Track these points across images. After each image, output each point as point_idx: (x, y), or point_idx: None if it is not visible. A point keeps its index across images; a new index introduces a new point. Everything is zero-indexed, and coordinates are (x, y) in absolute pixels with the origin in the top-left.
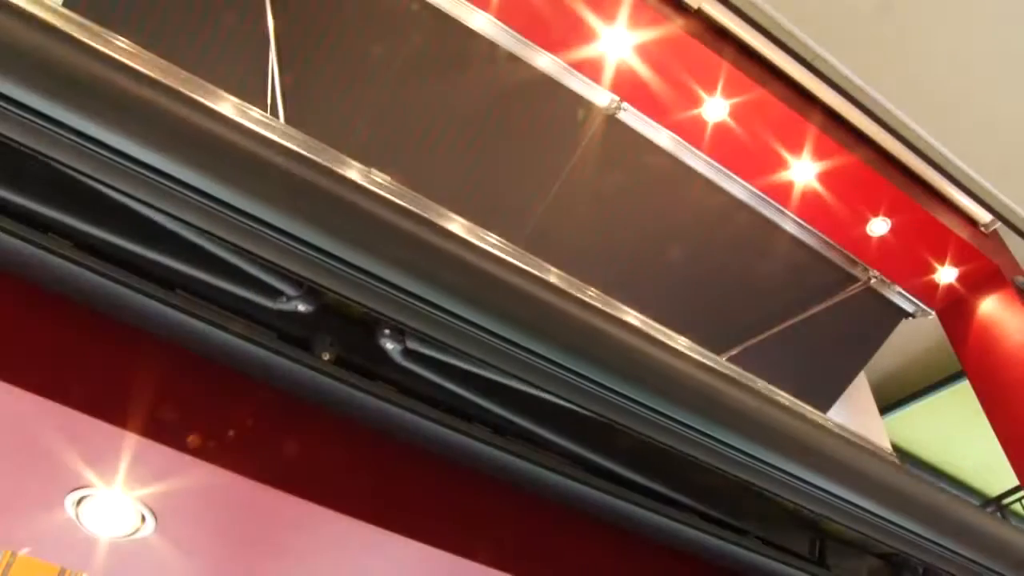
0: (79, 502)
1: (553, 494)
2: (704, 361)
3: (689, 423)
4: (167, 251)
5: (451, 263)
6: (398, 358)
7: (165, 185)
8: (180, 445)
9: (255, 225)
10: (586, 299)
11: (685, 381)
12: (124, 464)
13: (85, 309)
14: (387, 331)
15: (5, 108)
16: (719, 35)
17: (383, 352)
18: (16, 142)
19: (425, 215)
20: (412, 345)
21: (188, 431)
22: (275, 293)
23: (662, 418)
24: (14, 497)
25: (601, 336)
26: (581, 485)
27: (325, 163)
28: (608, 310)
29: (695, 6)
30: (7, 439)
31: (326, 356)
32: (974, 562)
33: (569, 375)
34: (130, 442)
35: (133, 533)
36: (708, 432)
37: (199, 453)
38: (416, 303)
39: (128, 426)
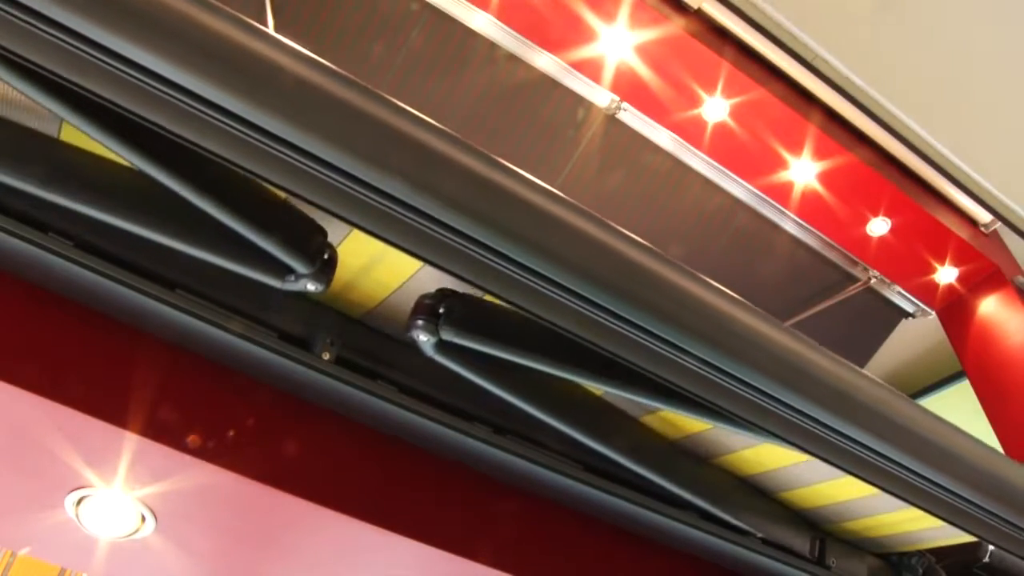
0: (79, 502)
1: (553, 494)
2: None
3: (778, 395)
4: (172, 232)
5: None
6: (429, 351)
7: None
8: (180, 445)
9: (300, 158)
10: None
11: (770, 346)
12: (124, 464)
13: (85, 309)
14: (420, 321)
15: (32, 24)
16: (719, 35)
17: (384, 351)
18: (40, 66)
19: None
20: (447, 336)
21: (188, 431)
22: (284, 271)
23: (739, 384)
24: (14, 497)
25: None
26: (582, 485)
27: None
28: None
29: (695, 6)
30: (7, 439)
31: (326, 356)
32: None
33: (655, 342)
34: (130, 442)
35: (133, 533)
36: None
37: (199, 453)
38: (492, 258)
39: (128, 426)
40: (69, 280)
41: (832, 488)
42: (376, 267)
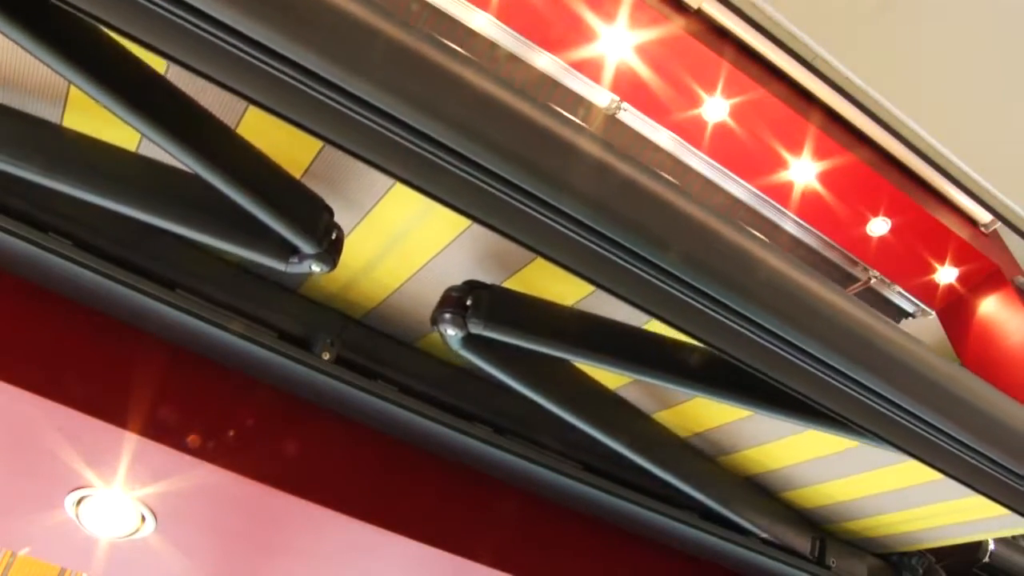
0: (79, 502)
1: (553, 494)
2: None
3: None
4: (174, 215)
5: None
6: (456, 346)
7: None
8: (180, 445)
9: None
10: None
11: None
12: (124, 464)
13: (85, 309)
14: (448, 315)
15: None
16: (719, 35)
17: (384, 351)
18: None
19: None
20: (475, 329)
21: (188, 431)
22: (288, 252)
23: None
24: (14, 497)
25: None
26: (582, 485)
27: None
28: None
29: (695, 6)
30: (7, 439)
31: (326, 356)
32: None
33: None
34: (130, 442)
35: (133, 533)
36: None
37: (199, 453)
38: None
39: (128, 426)
40: (69, 280)
41: (833, 488)
42: (377, 267)
